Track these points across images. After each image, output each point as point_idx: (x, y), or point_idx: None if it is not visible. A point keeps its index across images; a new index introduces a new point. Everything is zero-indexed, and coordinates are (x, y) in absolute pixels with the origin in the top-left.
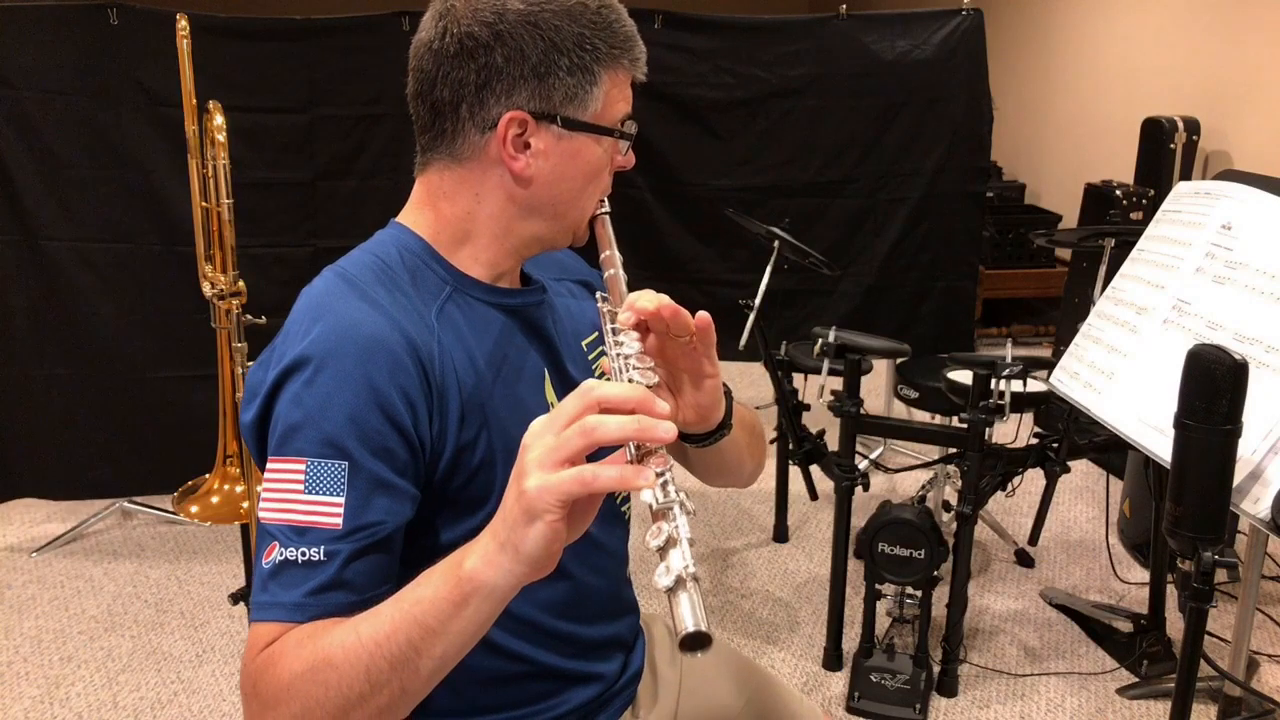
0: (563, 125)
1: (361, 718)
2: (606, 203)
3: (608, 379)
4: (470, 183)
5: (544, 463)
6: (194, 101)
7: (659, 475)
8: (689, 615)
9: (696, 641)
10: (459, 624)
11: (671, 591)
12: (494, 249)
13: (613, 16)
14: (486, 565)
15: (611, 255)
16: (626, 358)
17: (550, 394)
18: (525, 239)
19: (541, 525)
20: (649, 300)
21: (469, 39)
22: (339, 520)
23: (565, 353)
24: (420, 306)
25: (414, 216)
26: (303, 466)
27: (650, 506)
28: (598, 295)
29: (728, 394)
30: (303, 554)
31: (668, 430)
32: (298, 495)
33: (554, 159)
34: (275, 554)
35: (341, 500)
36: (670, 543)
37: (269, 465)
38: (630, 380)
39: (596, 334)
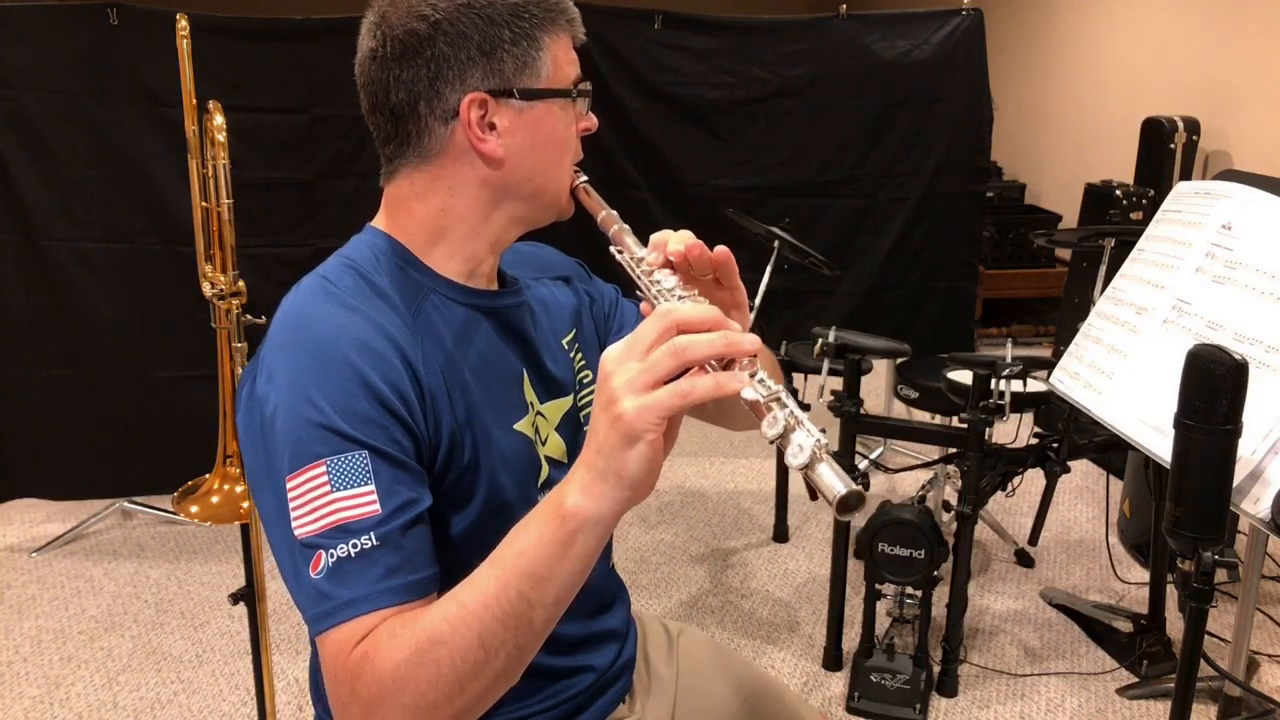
0: (521, 97)
1: (477, 689)
2: (583, 172)
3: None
4: (442, 178)
5: (635, 386)
6: (194, 101)
7: (751, 375)
8: (837, 481)
9: (850, 503)
10: (567, 564)
11: (809, 468)
12: (471, 242)
13: None
14: (588, 498)
15: (609, 215)
16: (670, 290)
17: (530, 393)
18: (503, 224)
19: (643, 446)
20: (678, 243)
21: (411, 37)
22: (376, 506)
23: (545, 353)
24: (401, 310)
25: (386, 221)
26: (323, 468)
27: (758, 402)
28: (612, 249)
29: None
30: (354, 547)
31: (752, 341)
32: (327, 496)
33: (520, 133)
34: (324, 560)
35: (372, 487)
36: (789, 428)
37: (289, 487)
38: None
39: (575, 331)
